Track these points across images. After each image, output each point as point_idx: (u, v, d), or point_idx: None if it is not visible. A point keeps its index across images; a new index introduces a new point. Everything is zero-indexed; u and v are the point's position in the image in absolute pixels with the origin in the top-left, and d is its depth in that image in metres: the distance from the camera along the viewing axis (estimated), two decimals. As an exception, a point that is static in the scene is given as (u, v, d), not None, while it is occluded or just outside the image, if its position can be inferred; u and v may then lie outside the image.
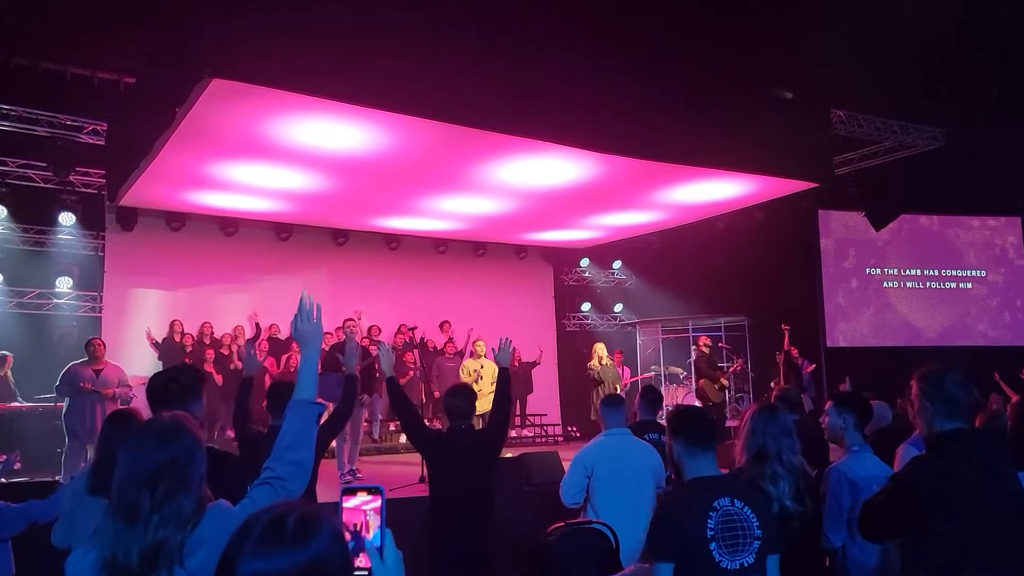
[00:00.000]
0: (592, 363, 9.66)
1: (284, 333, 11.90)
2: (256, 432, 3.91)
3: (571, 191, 9.92)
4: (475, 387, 9.00)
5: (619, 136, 8.08)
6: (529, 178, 9.36)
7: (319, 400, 2.14)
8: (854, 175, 11.63)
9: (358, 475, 7.94)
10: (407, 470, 8.36)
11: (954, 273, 15.22)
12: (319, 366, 2.14)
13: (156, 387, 2.72)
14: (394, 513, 1.43)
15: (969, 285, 15.23)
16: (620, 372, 12.38)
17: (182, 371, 2.93)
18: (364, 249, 12.97)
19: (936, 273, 15.14)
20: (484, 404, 9.45)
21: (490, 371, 9.39)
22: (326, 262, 12.81)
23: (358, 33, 6.59)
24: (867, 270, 14.79)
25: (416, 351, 11.72)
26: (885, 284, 14.84)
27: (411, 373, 11.50)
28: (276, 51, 6.26)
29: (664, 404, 12.95)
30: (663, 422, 4.81)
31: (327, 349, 8.51)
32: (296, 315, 2.18)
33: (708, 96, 8.60)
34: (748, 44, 8.47)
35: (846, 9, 8.12)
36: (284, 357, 11.03)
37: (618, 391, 9.74)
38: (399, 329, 12.40)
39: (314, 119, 7.26)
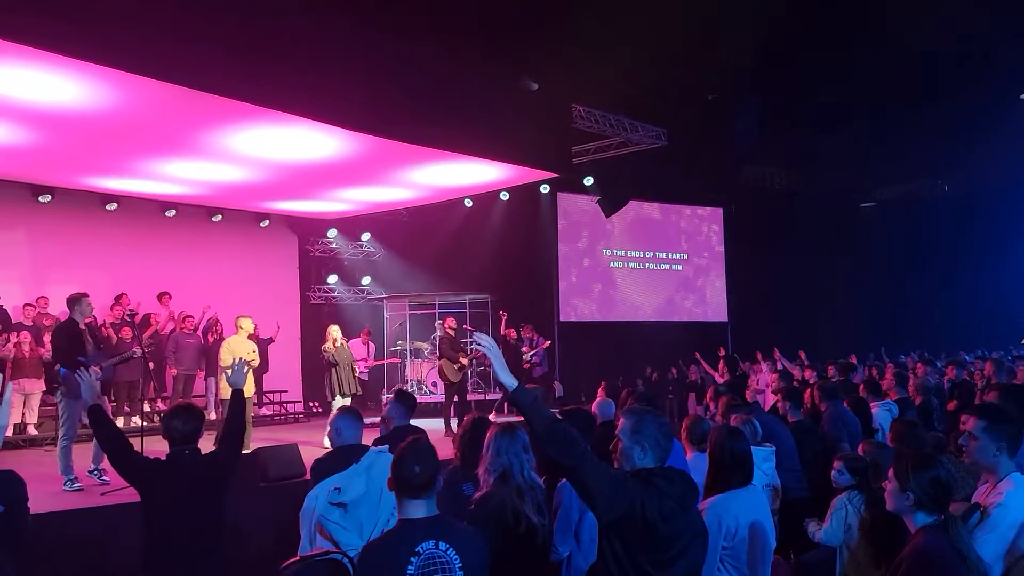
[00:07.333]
0: (327, 345, 9.36)
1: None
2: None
3: (318, 165, 9.48)
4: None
5: (367, 115, 7.92)
6: (272, 149, 8.77)
7: None
8: (590, 165, 12.47)
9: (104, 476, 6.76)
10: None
11: (667, 255, 17.12)
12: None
13: None
14: None
15: (680, 267, 17.24)
16: (368, 350, 12.22)
17: None
18: (74, 208, 11.27)
19: (653, 255, 16.91)
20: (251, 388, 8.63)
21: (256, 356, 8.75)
22: (24, 222, 10.99)
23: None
24: (599, 251, 16.09)
25: (136, 328, 10.57)
26: (612, 264, 16.26)
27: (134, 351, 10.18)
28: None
29: (409, 378, 13.22)
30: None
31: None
32: None
33: (459, 84, 8.65)
34: (499, 36, 8.62)
35: (592, 13, 8.57)
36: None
37: (356, 373, 9.58)
38: (117, 300, 11.07)
39: (16, 67, 6.14)
